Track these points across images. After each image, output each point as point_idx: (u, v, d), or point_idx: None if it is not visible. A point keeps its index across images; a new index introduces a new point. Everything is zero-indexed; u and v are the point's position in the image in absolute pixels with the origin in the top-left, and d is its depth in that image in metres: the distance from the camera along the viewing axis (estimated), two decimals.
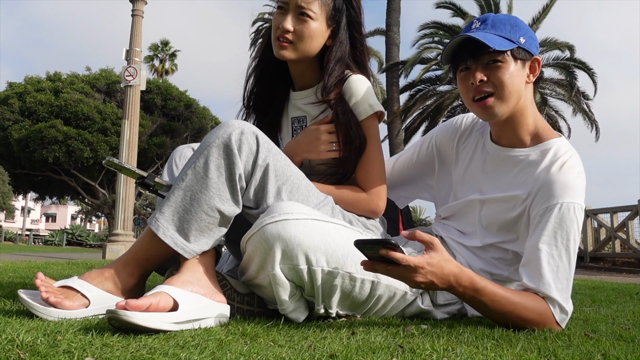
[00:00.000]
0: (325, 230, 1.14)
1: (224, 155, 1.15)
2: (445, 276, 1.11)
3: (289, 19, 1.39)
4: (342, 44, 1.44)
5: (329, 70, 1.41)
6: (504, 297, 1.16)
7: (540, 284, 1.19)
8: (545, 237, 1.21)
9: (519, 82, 1.28)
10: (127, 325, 0.92)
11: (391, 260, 1.05)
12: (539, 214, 1.23)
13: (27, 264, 3.49)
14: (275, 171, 1.20)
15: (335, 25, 1.44)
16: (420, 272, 1.07)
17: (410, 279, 1.08)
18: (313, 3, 1.39)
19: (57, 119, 17.84)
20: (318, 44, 1.42)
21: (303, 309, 1.18)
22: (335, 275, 1.14)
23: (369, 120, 1.41)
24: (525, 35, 1.28)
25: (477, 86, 1.27)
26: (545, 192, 1.24)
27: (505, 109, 1.29)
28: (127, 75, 7.16)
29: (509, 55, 1.26)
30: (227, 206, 1.16)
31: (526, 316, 1.17)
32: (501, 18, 1.30)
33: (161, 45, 31.26)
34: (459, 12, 13.36)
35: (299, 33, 1.39)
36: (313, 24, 1.39)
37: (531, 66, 1.31)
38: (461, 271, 1.13)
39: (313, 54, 1.43)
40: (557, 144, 1.30)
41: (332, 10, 1.42)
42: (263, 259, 1.11)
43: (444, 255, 1.11)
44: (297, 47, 1.40)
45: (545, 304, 1.18)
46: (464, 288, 1.13)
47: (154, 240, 1.14)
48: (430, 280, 1.09)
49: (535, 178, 1.27)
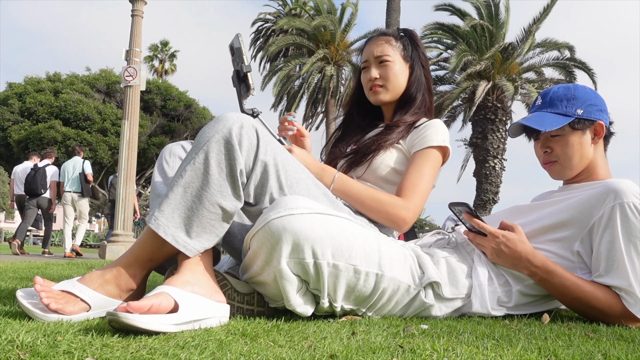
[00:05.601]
0: (330, 224, 1.14)
1: (224, 150, 1.12)
2: (517, 252, 1.30)
3: (373, 70, 1.64)
4: (419, 76, 1.67)
5: (412, 98, 1.64)
6: (575, 283, 1.30)
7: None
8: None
9: (581, 148, 1.44)
10: (128, 328, 0.92)
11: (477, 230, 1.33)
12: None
13: (27, 265, 3.48)
14: (276, 166, 1.19)
15: (411, 61, 1.67)
16: (494, 241, 1.31)
17: (486, 245, 1.34)
18: (385, 50, 1.63)
19: (57, 120, 17.84)
20: (403, 80, 1.65)
21: (310, 303, 1.18)
22: (340, 269, 1.14)
23: (436, 150, 1.53)
24: (583, 106, 1.43)
25: (543, 155, 1.49)
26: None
27: (569, 172, 1.47)
28: (126, 75, 7.15)
29: (567, 128, 1.43)
30: (229, 202, 1.14)
31: (595, 305, 1.29)
32: (559, 94, 1.46)
33: (161, 45, 31.24)
34: (458, 13, 13.37)
35: (384, 76, 1.63)
36: (393, 65, 1.63)
37: (595, 130, 1.44)
38: (534, 253, 1.30)
39: (401, 90, 1.65)
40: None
41: (403, 50, 1.66)
42: (269, 254, 1.11)
43: (521, 237, 1.31)
44: (387, 88, 1.64)
45: (617, 299, 1.28)
46: (536, 268, 1.30)
47: (156, 239, 1.12)
48: (503, 250, 1.31)
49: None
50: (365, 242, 1.19)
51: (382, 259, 1.21)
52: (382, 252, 1.22)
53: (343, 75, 19.63)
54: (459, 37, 13.35)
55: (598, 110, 1.44)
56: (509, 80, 12.99)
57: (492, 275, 1.36)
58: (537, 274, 1.30)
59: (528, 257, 1.29)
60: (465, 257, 1.41)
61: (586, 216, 1.33)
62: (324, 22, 17.53)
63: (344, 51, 19.35)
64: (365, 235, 1.21)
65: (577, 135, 1.43)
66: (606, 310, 1.29)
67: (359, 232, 1.20)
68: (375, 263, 1.20)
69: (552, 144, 1.46)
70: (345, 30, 19.32)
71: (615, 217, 1.28)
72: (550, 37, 13.22)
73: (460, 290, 1.32)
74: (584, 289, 1.29)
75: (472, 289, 1.33)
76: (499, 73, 13.13)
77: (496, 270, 1.37)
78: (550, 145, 1.46)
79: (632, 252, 1.27)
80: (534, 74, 13.94)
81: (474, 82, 12.93)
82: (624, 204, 1.28)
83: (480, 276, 1.34)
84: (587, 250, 1.35)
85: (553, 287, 1.31)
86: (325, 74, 18.85)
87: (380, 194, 1.46)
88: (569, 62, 13.07)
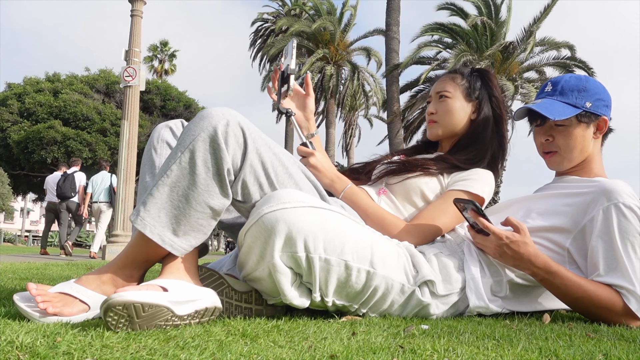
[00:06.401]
0: (323, 218, 1.14)
1: (210, 149, 1.11)
2: (519, 255, 1.28)
3: (431, 105, 1.66)
4: (486, 116, 1.63)
5: (474, 140, 1.61)
6: (577, 283, 1.29)
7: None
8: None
9: (583, 141, 1.44)
10: (125, 312, 0.92)
11: (482, 229, 1.31)
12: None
13: (27, 266, 3.48)
14: (263, 163, 1.17)
15: (477, 100, 1.64)
16: (498, 242, 1.29)
17: (489, 246, 1.31)
18: (446, 86, 1.64)
19: (56, 120, 17.84)
20: (459, 118, 1.63)
21: (306, 295, 1.18)
22: (332, 263, 1.14)
23: (466, 194, 1.50)
24: (592, 99, 1.42)
25: (544, 143, 1.48)
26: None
27: (567, 164, 1.47)
28: (126, 75, 7.15)
29: (574, 119, 1.42)
30: (216, 200, 1.13)
31: (597, 304, 1.29)
32: (571, 84, 1.45)
33: (160, 45, 31.25)
34: (460, 12, 13.38)
35: (440, 111, 1.64)
36: (449, 101, 1.63)
37: (598, 124, 1.45)
38: (537, 254, 1.29)
39: (457, 127, 1.63)
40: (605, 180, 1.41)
41: (467, 88, 1.64)
42: (263, 248, 1.11)
43: (525, 239, 1.29)
44: (441, 123, 1.64)
45: (619, 297, 1.28)
46: (537, 269, 1.29)
47: (149, 240, 1.11)
48: (505, 251, 1.29)
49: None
50: (358, 238, 1.19)
51: (374, 257, 1.21)
52: (374, 249, 1.21)
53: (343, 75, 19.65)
54: (458, 36, 13.35)
55: (604, 106, 1.44)
56: (509, 79, 12.99)
57: (484, 266, 1.37)
58: (538, 274, 1.30)
59: (530, 259, 1.28)
60: (456, 249, 1.42)
61: (579, 215, 1.34)
62: (324, 24, 17.55)
63: (343, 51, 19.37)
64: (358, 231, 1.21)
65: (582, 127, 1.43)
66: (608, 309, 1.29)
67: (352, 228, 1.20)
68: (367, 260, 1.19)
69: (555, 133, 1.45)
70: (345, 30, 19.34)
71: (610, 217, 1.29)
72: (550, 36, 13.24)
73: (454, 285, 1.32)
74: (585, 288, 1.29)
75: (466, 283, 1.33)
76: (499, 73, 13.13)
77: (487, 261, 1.37)
78: (552, 134, 1.46)
79: (630, 251, 1.28)
80: (535, 73, 13.95)
81: None
82: (619, 204, 1.29)
83: (472, 269, 1.34)
84: (577, 249, 1.36)
85: (555, 287, 1.31)
86: (325, 74, 18.87)
87: (387, 214, 1.46)
88: (569, 62, 13.08)
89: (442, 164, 1.57)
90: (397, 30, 13.58)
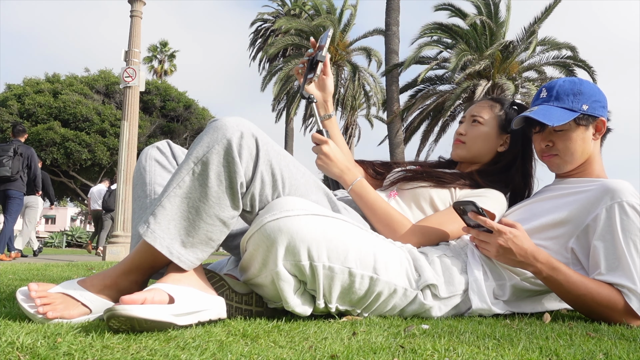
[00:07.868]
0: (326, 226, 1.13)
1: (224, 162, 1.09)
2: (523, 249, 1.27)
3: (462, 126, 1.67)
4: (512, 152, 1.62)
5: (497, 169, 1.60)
6: (579, 280, 1.29)
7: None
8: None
9: (583, 144, 1.44)
10: (127, 322, 0.91)
11: (482, 227, 1.29)
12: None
13: (27, 266, 3.48)
14: (274, 175, 1.17)
15: (509, 134, 1.62)
16: (502, 237, 1.27)
17: (493, 243, 1.28)
18: (482, 111, 1.64)
19: (56, 121, 17.82)
20: (487, 146, 1.62)
21: (309, 303, 1.18)
22: (335, 271, 1.14)
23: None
24: (588, 102, 1.43)
25: (544, 149, 1.48)
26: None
27: (568, 166, 1.47)
28: (126, 76, 7.15)
29: (572, 123, 1.42)
30: (227, 213, 1.12)
31: (599, 302, 1.29)
32: (565, 89, 1.45)
33: (160, 46, 31.24)
34: (458, 12, 13.38)
35: (469, 135, 1.63)
36: (481, 127, 1.62)
37: (597, 126, 1.45)
38: (538, 250, 1.29)
39: (482, 154, 1.63)
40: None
41: (503, 120, 1.62)
42: (265, 257, 1.10)
43: (525, 234, 1.29)
44: (466, 146, 1.63)
45: (620, 296, 1.28)
46: (541, 265, 1.28)
47: (156, 250, 1.09)
48: (509, 247, 1.27)
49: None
50: (361, 245, 1.19)
51: (377, 262, 1.21)
52: (377, 255, 1.21)
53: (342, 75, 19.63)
54: (458, 36, 13.35)
55: (601, 107, 1.45)
56: (509, 79, 12.99)
57: (487, 270, 1.37)
58: (542, 270, 1.29)
59: (534, 254, 1.28)
60: (459, 252, 1.41)
61: (582, 214, 1.34)
62: (324, 23, 17.53)
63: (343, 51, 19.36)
64: (361, 237, 1.21)
65: (581, 130, 1.43)
66: (609, 307, 1.29)
67: (355, 234, 1.20)
68: (370, 266, 1.19)
69: (555, 138, 1.46)
70: (345, 30, 19.33)
71: (614, 216, 1.29)
72: (552, 36, 13.24)
73: (457, 287, 1.32)
74: (587, 286, 1.29)
75: (469, 285, 1.33)
76: (499, 72, 13.13)
77: (490, 265, 1.37)
78: (552, 140, 1.46)
79: (632, 249, 1.28)
80: (535, 72, 13.94)
81: (474, 81, 12.93)
82: (622, 202, 1.29)
83: (475, 272, 1.34)
84: (581, 247, 1.36)
85: (558, 284, 1.30)
86: None
87: (395, 211, 1.46)
88: (569, 61, 13.08)
89: (457, 179, 1.57)
90: (396, 30, 13.58)
